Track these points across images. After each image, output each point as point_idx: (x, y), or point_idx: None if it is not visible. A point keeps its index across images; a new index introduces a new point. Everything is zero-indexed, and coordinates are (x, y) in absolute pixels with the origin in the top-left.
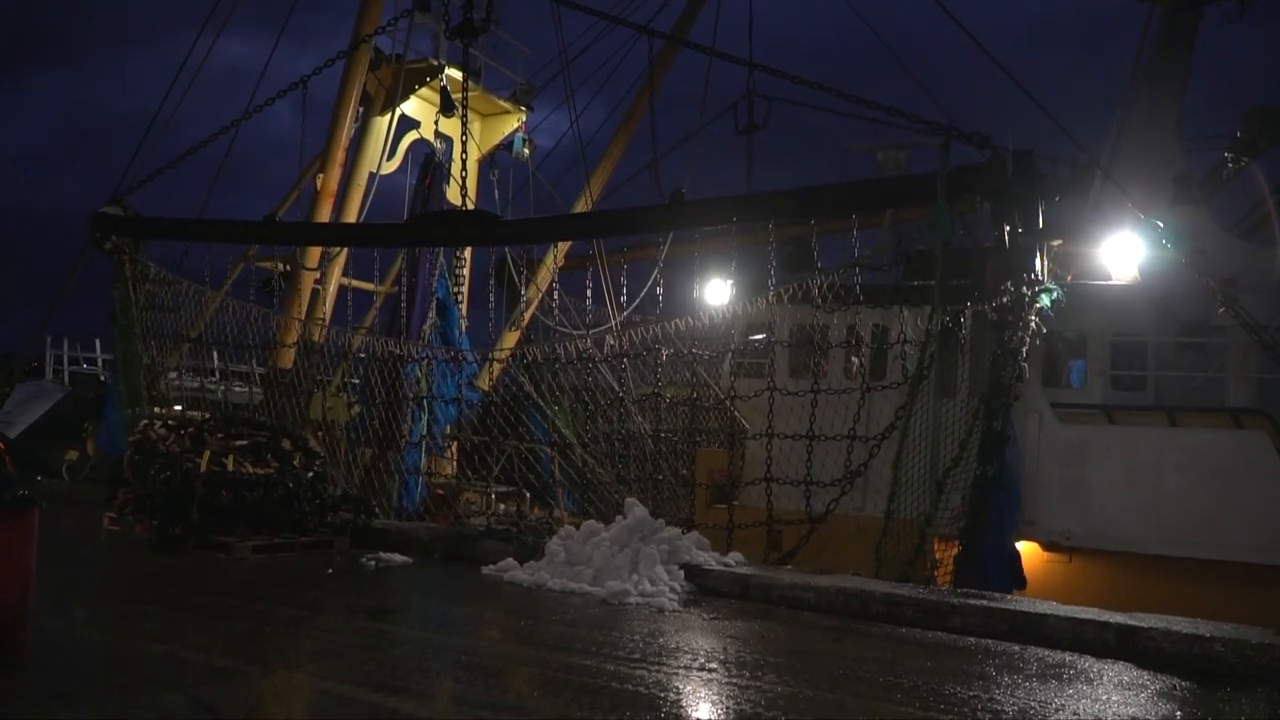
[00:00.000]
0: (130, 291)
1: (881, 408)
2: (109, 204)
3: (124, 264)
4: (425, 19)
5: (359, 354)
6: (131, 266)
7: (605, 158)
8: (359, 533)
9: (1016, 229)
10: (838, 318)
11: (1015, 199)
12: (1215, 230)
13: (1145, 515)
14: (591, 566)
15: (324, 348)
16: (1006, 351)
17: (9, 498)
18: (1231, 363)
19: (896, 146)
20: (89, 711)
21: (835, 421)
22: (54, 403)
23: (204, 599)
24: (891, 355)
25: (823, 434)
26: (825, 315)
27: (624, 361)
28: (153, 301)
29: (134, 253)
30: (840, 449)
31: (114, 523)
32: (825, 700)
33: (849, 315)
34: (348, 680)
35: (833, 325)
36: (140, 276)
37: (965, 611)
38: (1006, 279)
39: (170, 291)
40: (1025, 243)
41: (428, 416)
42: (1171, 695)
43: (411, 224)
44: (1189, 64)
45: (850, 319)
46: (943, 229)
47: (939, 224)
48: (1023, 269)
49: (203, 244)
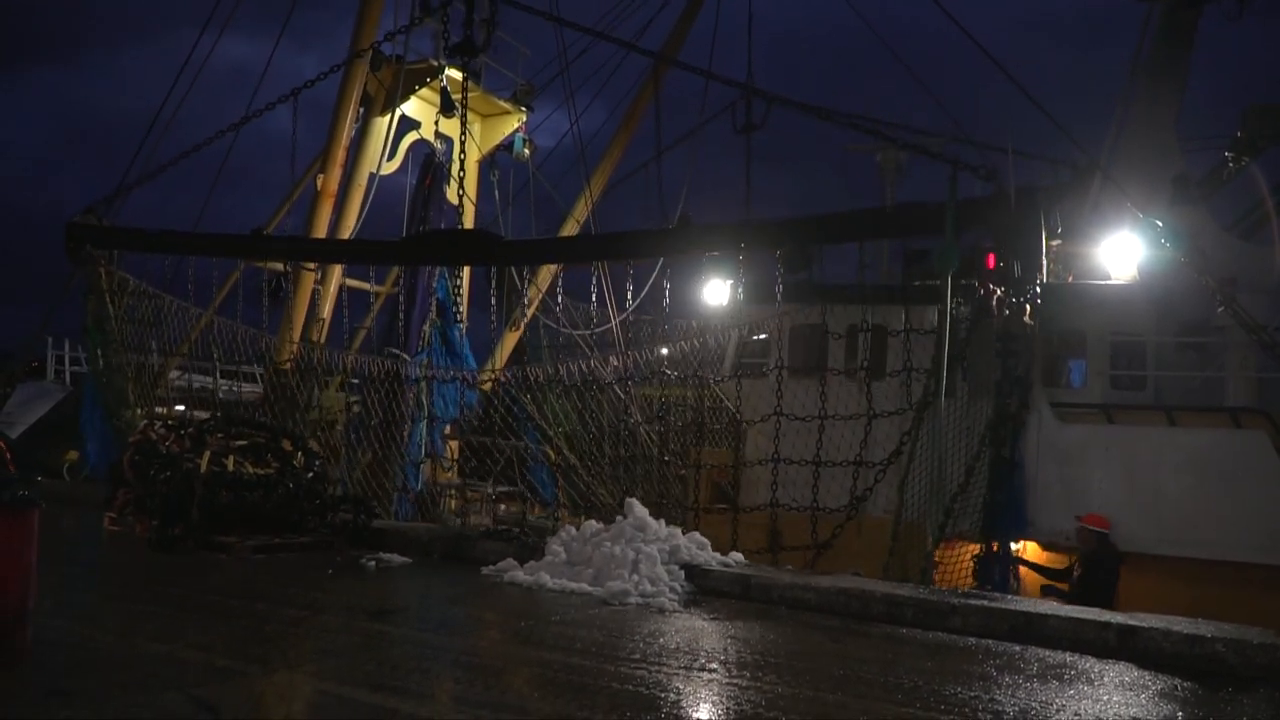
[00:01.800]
0: (108, 304)
1: (881, 406)
2: (83, 213)
3: (100, 275)
4: (426, 20)
5: (353, 377)
6: (109, 279)
7: (605, 158)
8: (359, 533)
9: (1017, 263)
10: (836, 317)
11: (1017, 233)
12: (1215, 230)
13: (1145, 515)
14: (592, 567)
15: (319, 364)
16: (1010, 380)
17: (10, 497)
18: (1231, 362)
19: (896, 147)
20: (89, 711)
21: (840, 429)
22: (55, 403)
23: (204, 599)
24: (891, 352)
25: (829, 460)
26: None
27: (628, 384)
28: (132, 315)
29: (110, 264)
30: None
31: (114, 523)
32: (826, 700)
33: (850, 314)
34: (348, 680)
35: (831, 324)
36: (118, 289)
37: (966, 612)
38: (1009, 309)
39: (151, 305)
40: (1027, 275)
41: (427, 418)
42: (1172, 695)
43: (408, 242)
44: (1188, 62)
45: (852, 318)
46: (950, 262)
47: (947, 257)
48: (1026, 292)
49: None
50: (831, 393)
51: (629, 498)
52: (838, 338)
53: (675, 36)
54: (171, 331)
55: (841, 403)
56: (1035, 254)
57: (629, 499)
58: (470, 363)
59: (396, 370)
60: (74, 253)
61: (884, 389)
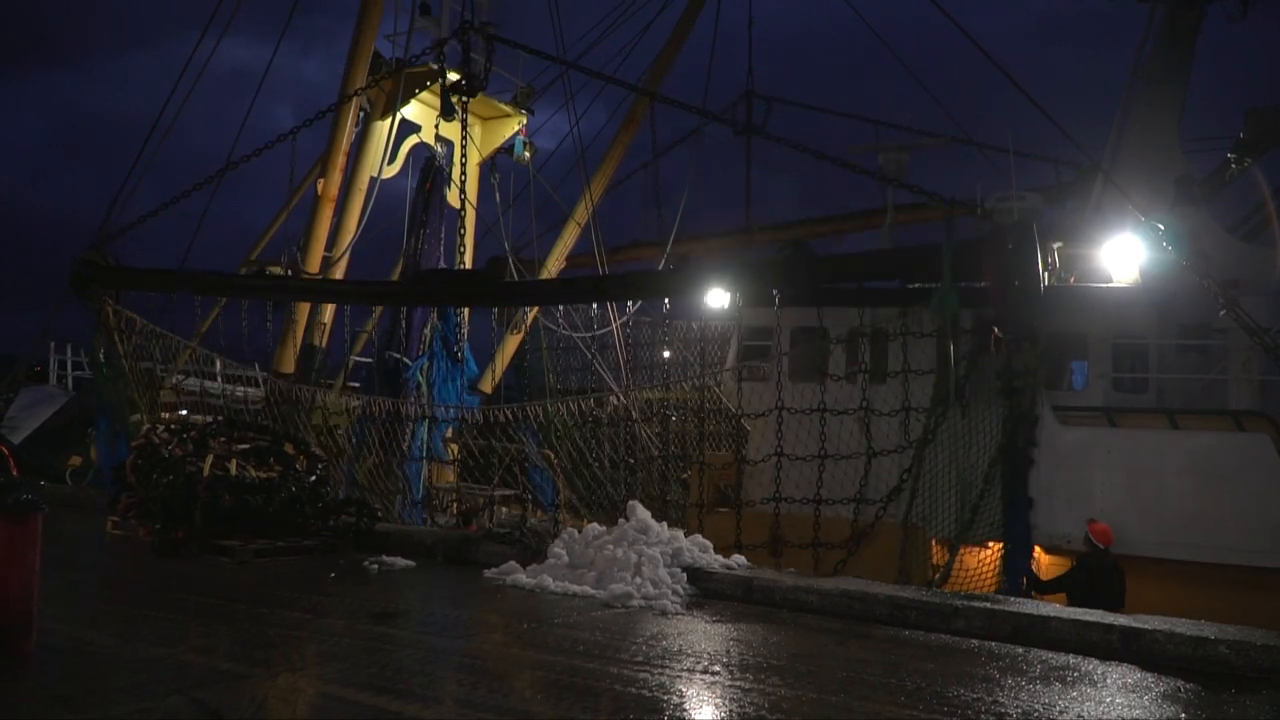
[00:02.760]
0: (117, 341)
1: (880, 405)
2: (89, 250)
3: (107, 314)
4: (425, 23)
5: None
6: (116, 317)
7: (606, 160)
8: (361, 536)
9: (1018, 298)
10: (836, 320)
11: (1016, 271)
12: (1217, 231)
13: (1147, 518)
14: (594, 569)
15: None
16: (1017, 417)
17: (13, 502)
18: (1233, 365)
19: (898, 148)
20: (92, 714)
21: (841, 433)
22: (57, 408)
23: (207, 602)
24: (892, 351)
25: (831, 498)
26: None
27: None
28: (140, 354)
29: (116, 302)
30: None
31: (117, 527)
32: (829, 703)
33: (850, 317)
34: (351, 683)
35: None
36: (126, 328)
37: (969, 614)
38: (1011, 345)
39: (159, 344)
40: (1028, 311)
41: (429, 422)
42: (1176, 697)
43: (410, 282)
44: (1191, 64)
45: (852, 321)
46: (949, 306)
47: (946, 302)
48: (1026, 334)
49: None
50: (831, 397)
51: (631, 500)
52: (838, 341)
53: (676, 34)
54: (176, 349)
55: (843, 407)
56: (1035, 293)
57: (631, 501)
58: (472, 367)
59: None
60: (79, 290)
61: (882, 393)
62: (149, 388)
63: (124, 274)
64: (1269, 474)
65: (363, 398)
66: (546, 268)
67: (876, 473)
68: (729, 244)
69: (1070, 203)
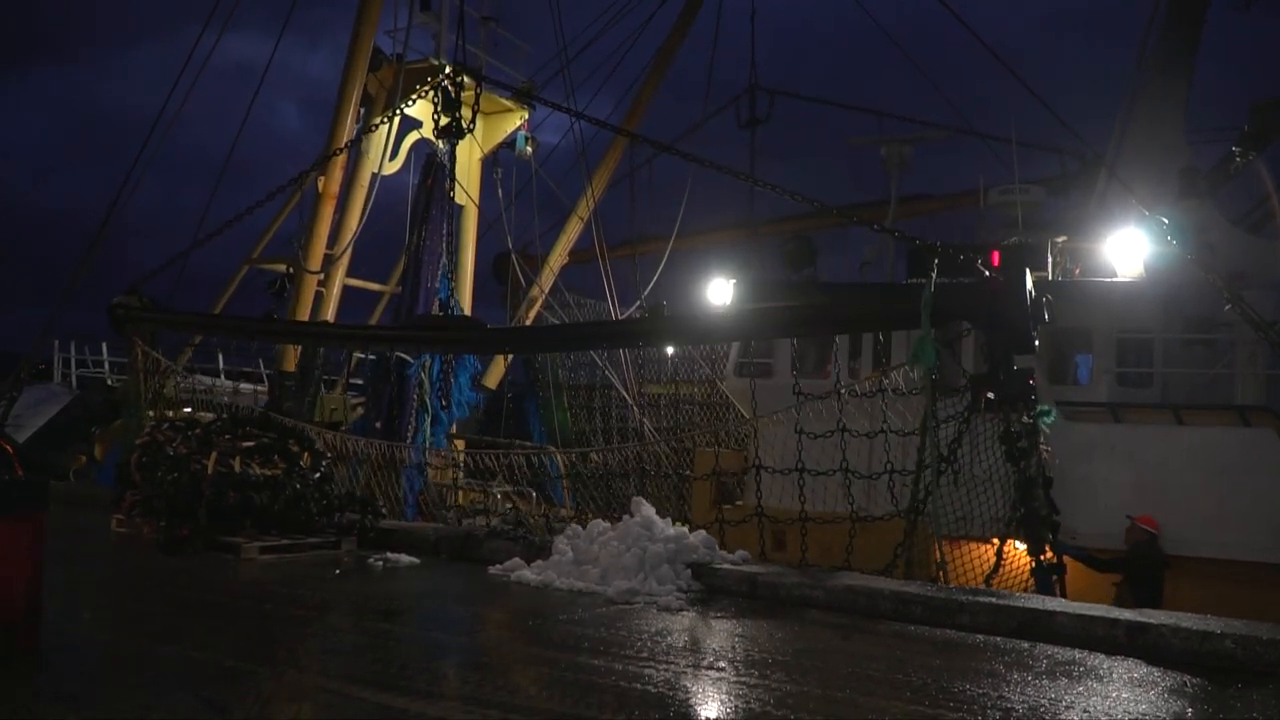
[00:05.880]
0: (141, 384)
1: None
2: (126, 293)
3: (137, 355)
4: (425, 19)
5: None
6: (145, 359)
7: (608, 154)
8: (366, 533)
9: (1009, 353)
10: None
11: (1005, 324)
12: (1222, 224)
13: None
14: (599, 566)
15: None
16: (1026, 482)
17: (17, 499)
18: (1239, 359)
19: (900, 141)
20: (97, 712)
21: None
22: (62, 406)
23: (212, 600)
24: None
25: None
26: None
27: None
28: (159, 393)
29: (149, 344)
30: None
31: (121, 524)
32: (834, 698)
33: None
34: (356, 680)
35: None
36: (150, 370)
37: (974, 609)
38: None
39: (180, 386)
40: (1021, 367)
41: (430, 418)
42: (1182, 692)
43: (408, 328)
44: (1195, 55)
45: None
46: (925, 359)
47: (921, 355)
48: (1021, 395)
49: (211, 240)
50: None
51: (636, 496)
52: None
53: (677, 29)
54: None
55: (847, 410)
56: (1027, 342)
57: (636, 498)
58: (473, 363)
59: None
60: (120, 330)
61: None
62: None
63: (157, 315)
64: (1274, 469)
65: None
66: (549, 264)
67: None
68: (733, 237)
69: (1074, 195)
